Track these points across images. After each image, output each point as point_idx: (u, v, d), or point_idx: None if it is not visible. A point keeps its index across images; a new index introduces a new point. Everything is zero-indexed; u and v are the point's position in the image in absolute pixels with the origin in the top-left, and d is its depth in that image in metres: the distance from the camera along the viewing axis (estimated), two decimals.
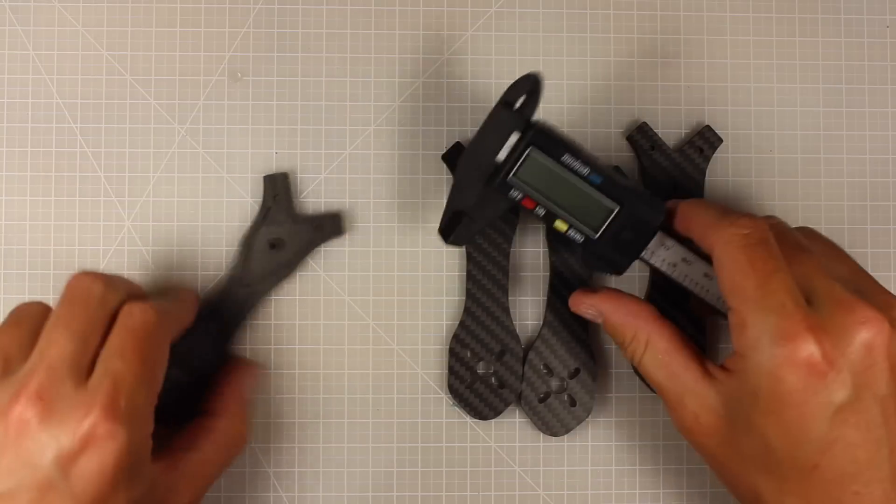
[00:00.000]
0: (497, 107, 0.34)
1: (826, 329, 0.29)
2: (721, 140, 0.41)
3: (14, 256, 0.40)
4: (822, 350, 0.29)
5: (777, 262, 0.31)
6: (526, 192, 0.35)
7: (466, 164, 0.35)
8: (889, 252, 0.42)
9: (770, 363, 0.29)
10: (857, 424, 0.29)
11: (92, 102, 0.41)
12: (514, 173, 0.34)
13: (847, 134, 0.42)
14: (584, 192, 0.34)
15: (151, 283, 0.40)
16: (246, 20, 0.41)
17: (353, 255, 0.41)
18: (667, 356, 0.34)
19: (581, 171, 0.34)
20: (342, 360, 0.41)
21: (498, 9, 0.42)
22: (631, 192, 0.35)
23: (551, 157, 0.34)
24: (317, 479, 0.40)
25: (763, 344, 0.29)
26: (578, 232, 0.35)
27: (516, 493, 0.41)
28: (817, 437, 0.29)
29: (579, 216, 0.35)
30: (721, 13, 0.42)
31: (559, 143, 0.34)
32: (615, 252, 0.35)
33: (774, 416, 0.29)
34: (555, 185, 0.34)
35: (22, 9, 0.41)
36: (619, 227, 0.35)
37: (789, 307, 0.29)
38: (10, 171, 0.40)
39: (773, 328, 0.29)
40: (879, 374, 0.29)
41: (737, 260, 0.31)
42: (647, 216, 0.35)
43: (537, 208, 0.35)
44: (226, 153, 0.41)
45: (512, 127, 0.34)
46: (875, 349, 0.29)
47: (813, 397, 0.29)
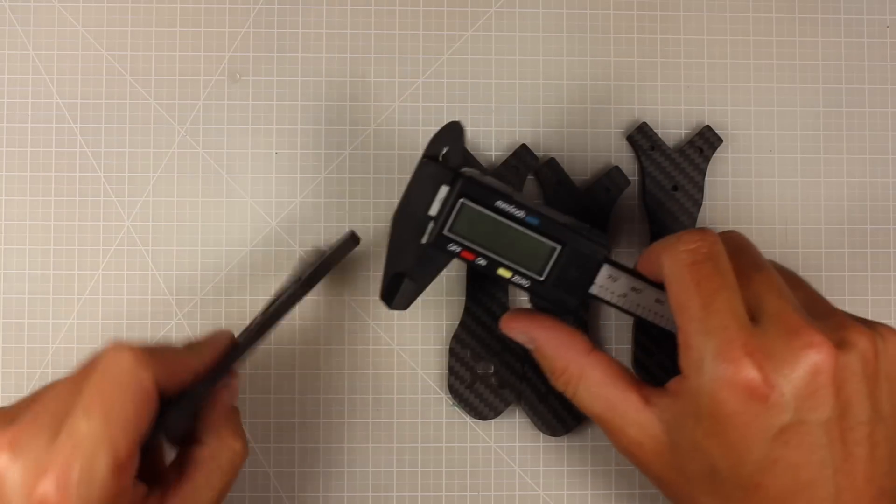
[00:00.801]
0: (422, 161, 0.33)
1: (769, 352, 0.29)
2: (721, 140, 0.41)
3: (14, 257, 0.40)
4: (763, 374, 0.28)
5: (723, 279, 0.30)
6: (464, 246, 0.34)
7: (399, 223, 0.34)
8: (889, 252, 0.42)
9: (711, 385, 0.29)
10: (799, 446, 0.29)
11: (92, 102, 0.41)
12: (449, 228, 0.33)
13: (847, 134, 0.42)
14: (523, 235, 0.33)
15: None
16: (246, 20, 0.41)
17: (353, 255, 0.41)
18: (602, 388, 0.33)
19: (517, 214, 0.33)
20: (342, 361, 0.41)
21: (498, 9, 0.42)
22: (571, 229, 0.33)
23: (484, 206, 0.33)
24: (317, 479, 0.40)
25: (705, 365, 0.29)
26: (523, 277, 0.34)
27: (516, 493, 0.41)
28: (759, 458, 0.29)
29: (521, 261, 0.34)
30: (721, 13, 0.42)
31: (490, 191, 0.33)
32: (563, 292, 0.34)
33: (717, 437, 0.29)
34: (492, 233, 0.33)
35: (22, 9, 0.41)
36: (564, 266, 0.34)
37: (732, 329, 0.29)
38: (9, 171, 0.40)
39: (714, 350, 0.29)
40: (824, 398, 0.28)
41: (682, 278, 0.30)
42: (590, 251, 0.34)
43: (478, 259, 0.34)
44: (226, 153, 0.41)
45: (440, 180, 0.33)
46: (820, 374, 0.28)
47: (754, 419, 0.28)
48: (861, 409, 0.29)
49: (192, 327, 0.40)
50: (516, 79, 0.41)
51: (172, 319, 0.40)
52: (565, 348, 0.34)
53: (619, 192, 0.41)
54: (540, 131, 0.41)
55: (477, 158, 0.40)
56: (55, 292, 0.40)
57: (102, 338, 0.40)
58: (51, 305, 0.40)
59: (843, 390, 0.29)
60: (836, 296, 0.42)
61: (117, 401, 0.28)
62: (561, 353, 0.34)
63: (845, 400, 0.29)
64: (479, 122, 0.41)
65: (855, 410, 0.29)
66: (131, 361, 0.29)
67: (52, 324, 0.40)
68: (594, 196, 0.41)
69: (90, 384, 0.29)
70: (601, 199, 0.41)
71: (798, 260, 0.42)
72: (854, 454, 0.29)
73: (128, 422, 0.28)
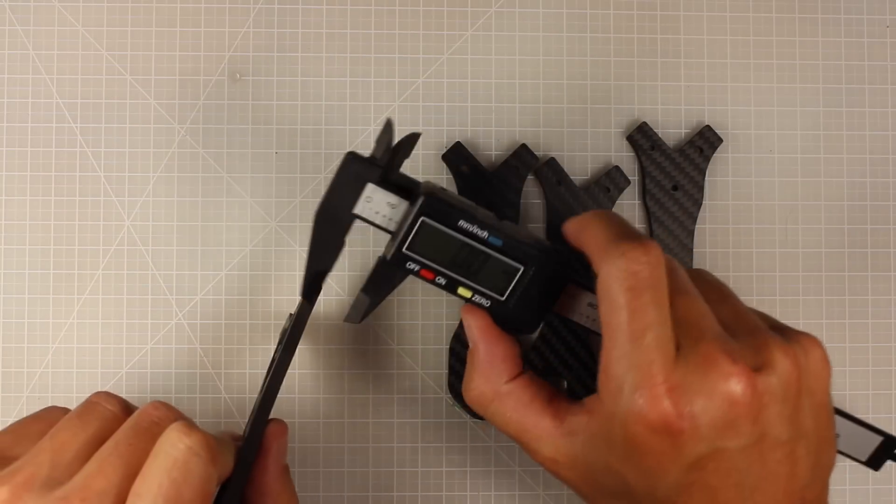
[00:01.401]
0: (346, 157, 0.32)
1: (687, 387, 0.28)
2: (721, 140, 0.41)
3: (14, 256, 0.40)
4: (678, 409, 0.28)
5: (659, 312, 0.29)
6: (423, 264, 0.32)
7: (320, 220, 0.32)
8: (889, 252, 0.42)
9: (626, 416, 0.28)
10: (716, 471, 0.28)
11: (92, 102, 0.41)
12: (408, 246, 0.32)
13: (847, 134, 0.42)
14: (484, 256, 0.32)
15: None
16: (246, 20, 0.41)
17: (353, 255, 0.41)
18: (515, 413, 0.32)
19: (479, 234, 0.32)
20: (342, 361, 0.41)
21: (498, 9, 0.42)
22: (535, 249, 0.32)
23: (446, 226, 0.32)
24: (317, 479, 0.40)
25: (623, 395, 0.29)
26: (483, 297, 0.33)
27: (516, 493, 0.41)
28: (674, 482, 0.29)
29: (482, 281, 0.33)
30: (721, 13, 0.42)
31: (452, 209, 0.32)
32: (524, 312, 0.33)
33: (630, 462, 0.29)
34: (453, 253, 0.32)
35: (22, 9, 0.41)
36: (526, 287, 0.33)
37: (656, 366, 0.28)
38: (9, 171, 0.40)
39: (635, 383, 0.28)
40: (742, 426, 0.28)
41: (617, 301, 0.29)
42: (553, 272, 0.33)
43: (437, 278, 0.33)
44: (226, 153, 0.41)
45: (365, 178, 0.32)
46: (737, 405, 0.28)
47: (668, 450, 0.28)
48: (781, 430, 0.29)
49: (192, 327, 0.40)
50: (516, 79, 0.41)
51: (172, 319, 0.40)
52: (487, 370, 0.33)
53: (619, 192, 0.41)
54: (540, 131, 0.41)
55: (477, 158, 0.40)
56: (55, 292, 0.40)
57: (102, 338, 0.40)
58: (51, 305, 0.40)
59: (761, 416, 0.28)
60: (836, 296, 0.42)
61: (188, 492, 0.27)
62: (482, 373, 0.33)
63: (764, 425, 0.29)
64: (479, 122, 0.41)
65: (775, 433, 0.29)
66: (206, 455, 0.27)
67: (52, 324, 0.40)
68: (594, 196, 0.41)
69: (158, 473, 0.27)
70: (601, 199, 0.41)
71: (798, 260, 0.42)
72: (774, 472, 0.29)
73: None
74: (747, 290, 0.41)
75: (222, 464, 0.29)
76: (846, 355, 0.42)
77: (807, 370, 0.30)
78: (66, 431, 0.29)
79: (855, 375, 0.41)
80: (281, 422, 0.33)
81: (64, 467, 0.28)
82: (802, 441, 0.30)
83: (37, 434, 0.29)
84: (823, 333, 0.42)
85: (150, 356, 0.40)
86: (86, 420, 0.29)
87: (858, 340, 0.42)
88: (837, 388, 0.42)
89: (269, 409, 0.32)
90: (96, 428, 0.29)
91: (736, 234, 0.42)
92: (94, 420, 0.29)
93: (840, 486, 0.41)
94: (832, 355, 0.42)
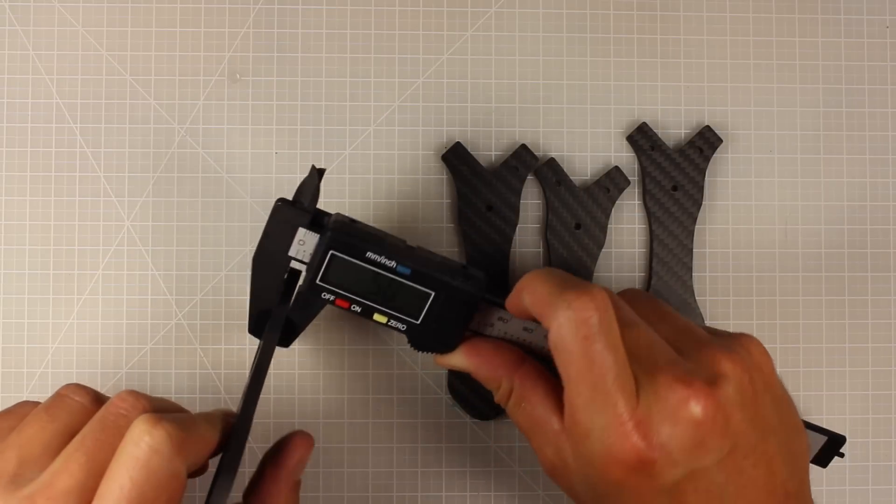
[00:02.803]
0: (276, 205, 0.33)
1: (652, 418, 0.29)
2: (721, 140, 0.41)
3: (14, 256, 0.40)
4: (648, 442, 0.28)
5: (615, 355, 0.29)
6: (337, 294, 0.34)
7: (258, 265, 0.34)
8: (889, 252, 0.42)
9: (599, 459, 0.29)
10: (695, 491, 0.29)
11: (92, 102, 0.41)
12: (321, 278, 0.33)
13: (847, 134, 0.42)
14: (395, 284, 0.33)
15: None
16: (246, 20, 0.41)
17: None
18: (528, 404, 0.33)
19: (388, 265, 0.33)
20: (342, 361, 0.41)
21: (498, 9, 0.42)
22: (444, 275, 0.33)
23: (354, 257, 0.33)
24: (317, 479, 0.40)
25: (593, 438, 0.29)
26: (399, 322, 0.34)
27: (516, 493, 0.41)
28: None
29: (396, 307, 0.34)
30: (721, 13, 0.42)
31: (359, 241, 0.33)
32: (441, 332, 0.34)
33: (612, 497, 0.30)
34: (364, 282, 0.33)
35: (22, 9, 0.41)
36: (440, 310, 0.34)
37: (620, 405, 0.29)
38: (9, 171, 0.40)
39: (603, 426, 0.29)
40: (711, 442, 0.29)
41: (572, 353, 0.29)
42: (464, 295, 0.33)
43: (352, 306, 0.34)
44: (226, 153, 0.41)
45: (295, 222, 0.33)
46: (702, 424, 0.28)
47: (645, 483, 0.29)
48: (749, 435, 0.29)
49: (191, 327, 0.40)
50: (516, 79, 0.41)
51: (172, 319, 0.40)
52: (496, 364, 0.34)
53: (619, 192, 0.41)
54: (540, 131, 0.41)
55: (477, 158, 0.40)
56: (55, 292, 0.40)
57: (102, 338, 0.40)
58: (51, 305, 0.40)
59: (728, 428, 0.29)
60: (836, 296, 0.42)
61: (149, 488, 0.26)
62: (495, 368, 0.34)
63: (733, 436, 0.29)
64: (479, 122, 0.41)
65: (744, 439, 0.29)
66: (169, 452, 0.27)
67: (52, 324, 0.40)
68: (594, 196, 0.41)
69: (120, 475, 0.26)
70: (601, 199, 0.41)
71: (798, 260, 0.42)
72: (752, 477, 0.29)
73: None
74: (747, 290, 0.41)
75: (195, 452, 0.28)
76: (846, 355, 0.42)
77: (757, 370, 0.31)
78: (34, 426, 0.29)
79: (855, 376, 0.41)
80: (308, 436, 0.32)
81: (31, 463, 0.28)
82: (772, 438, 0.30)
83: (7, 430, 0.29)
84: (823, 333, 0.42)
85: (150, 356, 0.40)
86: (53, 413, 0.29)
87: (858, 340, 0.42)
88: (837, 389, 0.42)
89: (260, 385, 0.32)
90: (65, 422, 0.29)
91: (736, 234, 0.42)
92: (63, 413, 0.29)
93: (840, 487, 0.41)
94: (832, 355, 0.42)
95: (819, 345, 0.42)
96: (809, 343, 0.42)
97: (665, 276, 0.41)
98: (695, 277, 0.41)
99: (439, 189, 0.41)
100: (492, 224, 0.40)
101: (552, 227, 0.41)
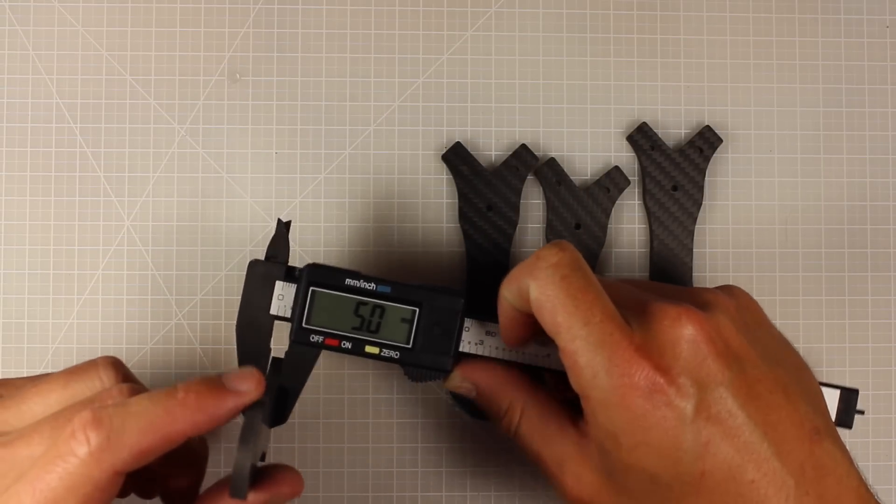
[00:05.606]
0: (250, 264, 0.34)
1: (651, 343, 0.29)
2: (721, 140, 0.41)
3: (14, 256, 0.40)
4: (654, 364, 0.28)
5: (595, 289, 0.30)
6: (325, 333, 0.34)
7: (243, 332, 0.34)
8: (889, 252, 0.42)
9: (614, 397, 0.29)
10: (718, 418, 0.29)
11: (92, 102, 0.41)
12: (306, 320, 0.33)
13: (847, 134, 0.42)
14: (378, 309, 0.34)
15: None
16: (246, 20, 0.41)
17: (353, 255, 0.41)
18: (541, 422, 0.33)
19: (367, 287, 0.34)
20: (342, 360, 0.41)
21: (498, 9, 0.42)
22: (423, 289, 0.34)
23: (334, 289, 0.33)
24: (317, 479, 0.40)
25: (601, 380, 0.29)
26: (391, 349, 0.34)
27: (516, 493, 0.41)
28: (689, 446, 0.29)
29: (385, 335, 0.34)
30: (721, 13, 0.42)
31: (335, 271, 0.34)
32: (433, 353, 0.34)
33: (642, 445, 0.29)
34: (349, 313, 0.34)
35: (22, 9, 0.41)
36: (427, 327, 0.34)
37: (617, 336, 0.29)
38: (9, 171, 0.40)
39: (607, 362, 0.29)
40: (715, 363, 0.29)
41: (555, 297, 0.30)
42: (446, 304, 0.34)
43: (343, 343, 0.34)
44: (226, 153, 0.41)
45: (272, 276, 0.34)
46: (699, 342, 0.29)
47: (666, 412, 0.28)
48: (753, 357, 0.30)
49: (191, 327, 0.40)
50: (516, 79, 0.41)
51: (172, 319, 0.40)
52: (505, 386, 0.34)
53: (619, 192, 0.41)
54: (540, 131, 0.41)
55: (477, 159, 0.40)
56: (55, 292, 0.40)
57: (102, 338, 0.40)
58: (51, 305, 0.40)
59: (729, 346, 0.29)
60: (836, 296, 0.42)
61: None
62: (501, 392, 0.34)
63: (736, 354, 0.29)
64: (479, 122, 0.41)
65: (748, 360, 0.29)
66: (86, 458, 0.26)
67: (52, 324, 0.40)
68: (594, 196, 0.41)
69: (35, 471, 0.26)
70: (601, 199, 0.41)
71: (798, 260, 0.42)
72: (772, 403, 0.29)
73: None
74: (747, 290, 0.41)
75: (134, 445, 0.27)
76: (846, 355, 0.42)
77: (744, 308, 0.31)
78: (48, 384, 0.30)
79: (855, 375, 0.41)
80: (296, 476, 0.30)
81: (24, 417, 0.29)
82: (779, 368, 0.30)
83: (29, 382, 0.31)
84: (823, 333, 0.42)
85: (150, 356, 0.40)
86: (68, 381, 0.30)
87: (858, 341, 0.42)
88: None
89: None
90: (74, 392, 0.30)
91: (736, 234, 0.42)
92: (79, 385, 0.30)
93: None
94: (832, 355, 0.42)
95: (819, 345, 0.42)
96: (809, 343, 0.42)
97: (665, 276, 0.41)
98: (695, 277, 0.41)
99: (439, 189, 0.41)
100: (492, 224, 0.40)
101: (552, 227, 0.41)
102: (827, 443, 0.29)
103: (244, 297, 0.34)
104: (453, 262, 0.41)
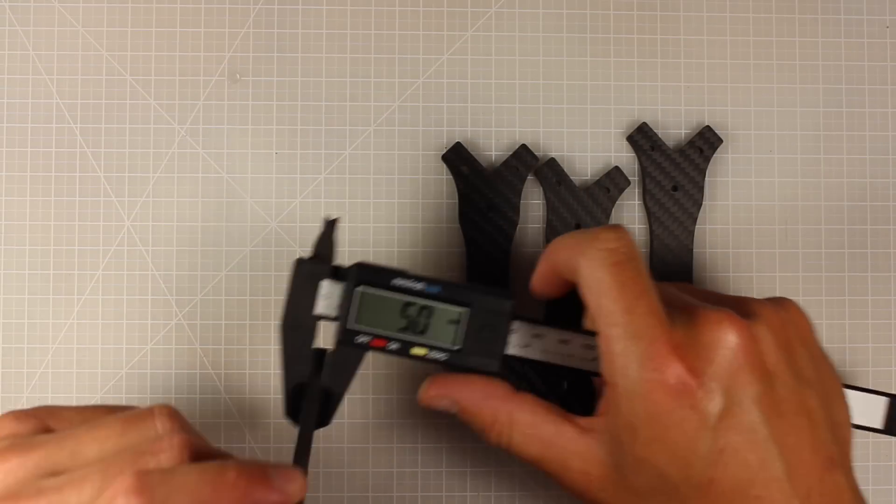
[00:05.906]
0: (295, 264, 0.33)
1: (689, 344, 0.29)
2: (721, 140, 0.41)
3: (14, 256, 0.40)
4: (687, 366, 0.29)
5: (645, 281, 0.30)
6: (372, 334, 0.33)
7: (287, 332, 0.33)
8: (889, 252, 0.42)
9: (641, 388, 0.29)
10: (739, 429, 0.29)
11: (92, 102, 0.41)
12: (354, 320, 0.32)
13: (847, 134, 0.42)
14: (428, 310, 0.33)
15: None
16: (246, 20, 0.41)
17: (353, 256, 0.41)
18: (535, 428, 0.32)
19: (416, 287, 0.33)
20: None
21: (498, 9, 0.42)
22: (474, 289, 0.33)
23: (382, 288, 0.32)
24: (317, 479, 0.40)
25: (632, 370, 0.29)
26: (438, 351, 0.33)
27: (516, 493, 0.41)
28: (705, 451, 0.29)
29: (433, 336, 0.33)
30: (721, 13, 0.42)
31: (383, 271, 0.33)
32: (481, 356, 0.33)
33: (658, 441, 0.29)
34: (395, 313, 0.33)
35: (22, 9, 0.41)
36: (476, 329, 0.33)
37: (657, 330, 0.29)
38: (9, 171, 0.40)
39: (641, 353, 0.29)
40: (748, 375, 0.29)
41: (603, 281, 0.30)
42: (496, 305, 0.33)
43: (389, 345, 0.33)
44: (226, 153, 0.41)
45: (317, 276, 0.33)
46: (738, 352, 0.29)
47: (690, 414, 0.29)
48: (786, 375, 0.30)
49: (191, 328, 0.40)
50: (516, 79, 0.41)
51: (172, 319, 0.40)
52: (488, 399, 0.33)
53: (619, 192, 0.41)
54: (540, 131, 0.41)
55: (477, 159, 0.40)
56: (55, 292, 0.40)
57: (102, 338, 0.40)
58: (51, 305, 0.40)
59: (764, 361, 0.29)
60: (836, 296, 0.42)
61: None
62: (486, 404, 0.33)
63: (769, 370, 0.29)
64: (479, 122, 0.41)
65: (781, 378, 0.29)
66: None
67: (52, 324, 0.40)
68: (594, 196, 0.41)
69: None
70: (601, 199, 0.41)
71: (798, 260, 0.42)
72: (794, 425, 0.29)
73: None
74: (747, 290, 0.41)
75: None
76: (846, 355, 0.42)
77: (791, 322, 0.31)
78: (104, 431, 0.28)
79: (855, 376, 0.41)
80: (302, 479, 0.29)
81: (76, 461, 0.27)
82: (810, 390, 0.30)
83: (81, 421, 0.29)
84: (823, 333, 0.42)
85: (150, 356, 0.40)
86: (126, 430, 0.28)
87: (858, 341, 0.42)
88: None
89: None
90: (130, 441, 0.28)
91: (736, 234, 0.42)
92: (135, 434, 0.28)
93: None
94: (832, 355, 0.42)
95: None
96: None
97: (665, 277, 0.41)
98: (695, 277, 0.41)
99: (439, 189, 0.41)
100: (492, 224, 0.40)
101: (552, 227, 0.41)
102: (838, 474, 0.29)
103: (289, 297, 0.33)
104: (453, 263, 0.41)
